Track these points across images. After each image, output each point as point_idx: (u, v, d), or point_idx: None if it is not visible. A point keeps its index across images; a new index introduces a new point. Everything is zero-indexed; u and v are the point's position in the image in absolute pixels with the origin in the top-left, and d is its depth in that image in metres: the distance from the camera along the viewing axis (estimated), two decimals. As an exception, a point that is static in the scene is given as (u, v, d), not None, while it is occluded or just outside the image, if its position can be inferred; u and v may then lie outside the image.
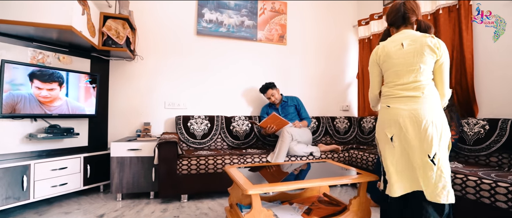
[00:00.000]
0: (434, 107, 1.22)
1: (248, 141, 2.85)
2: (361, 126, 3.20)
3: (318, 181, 1.41)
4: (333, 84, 3.48)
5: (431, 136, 1.17)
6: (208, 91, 2.92)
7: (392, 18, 1.35)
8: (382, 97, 1.37)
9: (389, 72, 1.31)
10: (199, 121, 2.73)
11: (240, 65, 3.05)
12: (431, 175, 1.16)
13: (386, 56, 1.30)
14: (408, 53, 1.25)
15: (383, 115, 1.31)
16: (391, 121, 1.26)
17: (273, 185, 1.25)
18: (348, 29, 3.56)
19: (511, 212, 1.29)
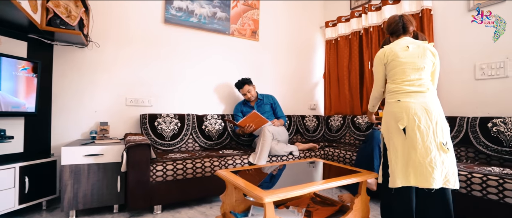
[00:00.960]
0: (438, 102, 1.38)
1: (221, 141, 2.66)
2: (329, 124, 3.30)
3: (332, 182, 1.34)
4: (302, 83, 3.52)
5: (442, 126, 1.32)
6: (177, 87, 2.63)
7: (393, 28, 1.51)
8: (389, 93, 1.44)
9: (396, 70, 1.42)
10: (167, 120, 2.43)
11: (212, 60, 2.83)
12: (447, 161, 1.28)
13: (394, 55, 1.42)
14: (414, 55, 1.41)
15: (394, 108, 1.38)
16: (403, 113, 1.33)
17: (288, 189, 1.13)
18: (316, 29, 3.64)
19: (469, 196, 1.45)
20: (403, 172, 1.31)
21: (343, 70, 3.27)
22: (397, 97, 1.39)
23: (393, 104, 1.40)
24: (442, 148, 1.28)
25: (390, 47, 1.46)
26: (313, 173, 1.67)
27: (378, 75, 1.51)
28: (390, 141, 1.39)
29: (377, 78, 1.53)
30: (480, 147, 1.96)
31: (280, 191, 1.11)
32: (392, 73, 1.44)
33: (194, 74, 2.72)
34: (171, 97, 2.60)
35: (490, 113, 2.06)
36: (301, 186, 1.18)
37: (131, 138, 1.88)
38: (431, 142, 1.28)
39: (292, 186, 1.19)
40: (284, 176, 1.58)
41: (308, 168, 1.76)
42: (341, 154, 2.47)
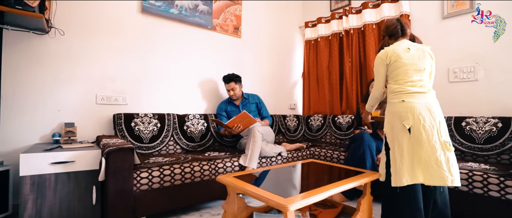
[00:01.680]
0: (438, 103, 1.44)
1: (204, 142, 2.48)
2: (309, 124, 3.33)
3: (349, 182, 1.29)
4: (282, 82, 3.49)
5: (444, 126, 1.38)
6: (155, 84, 2.38)
7: (392, 30, 1.55)
8: (392, 93, 1.48)
9: (398, 71, 1.46)
10: (146, 120, 2.18)
11: (193, 56, 2.63)
12: (452, 159, 1.32)
13: (397, 56, 1.46)
14: (415, 56, 1.45)
15: (399, 108, 1.41)
16: (408, 113, 1.37)
17: (310, 194, 1.06)
18: (295, 29, 3.65)
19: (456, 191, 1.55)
20: (409, 170, 1.34)
21: (323, 70, 3.32)
22: (401, 98, 1.42)
23: (397, 105, 1.43)
24: (446, 147, 1.33)
25: (392, 49, 1.49)
26: (320, 174, 1.62)
27: (380, 75, 1.53)
28: (394, 140, 1.41)
29: (378, 78, 1.55)
30: (456, 145, 2.12)
31: (301, 197, 1.02)
32: (395, 74, 1.47)
33: (174, 69, 2.49)
34: (148, 95, 2.34)
35: (462, 113, 2.24)
36: (321, 190, 1.12)
37: (109, 141, 1.63)
38: (436, 140, 1.33)
39: (312, 190, 1.11)
40: (293, 180, 1.50)
41: (309, 169, 1.70)
42: (328, 153, 2.48)
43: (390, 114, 1.46)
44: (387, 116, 1.48)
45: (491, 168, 1.71)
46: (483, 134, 2.01)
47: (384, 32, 1.61)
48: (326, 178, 1.52)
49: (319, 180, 1.49)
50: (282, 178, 1.49)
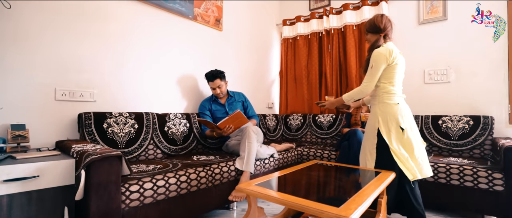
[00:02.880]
0: None
1: (187, 145, 2.21)
2: (288, 124, 3.28)
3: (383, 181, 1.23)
4: (261, 80, 3.37)
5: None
6: (129, 77, 2.02)
7: (389, 30, 1.58)
8: (387, 94, 1.54)
9: (395, 73, 1.52)
10: (121, 120, 1.82)
11: (173, 46, 2.32)
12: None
13: (397, 59, 1.51)
14: (403, 61, 1.58)
15: (395, 110, 1.51)
16: (403, 117, 1.50)
17: (360, 199, 0.95)
18: (272, 26, 3.56)
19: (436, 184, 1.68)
20: (417, 166, 1.45)
21: (301, 69, 3.30)
22: (396, 100, 1.53)
23: (393, 106, 1.52)
24: (423, 143, 1.56)
25: (393, 49, 1.51)
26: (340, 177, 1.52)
27: (377, 72, 1.51)
28: (392, 140, 1.48)
29: (374, 75, 1.52)
30: (434, 141, 2.29)
31: (354, 204, 0.91)
32: (391, 75, 1.52)
33: (151, 61, 2.15)
34: (121, 90, 1.97)
35: (436, 112, 2.44)
36: (365, 194, 1.02)
37: (85, 148, 1.28)
38: (420, 139, 1.54)
39: (356, 195, 1.01)
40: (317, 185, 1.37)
41: (323, 172, 1.61)
42: (317, 153, 2.45)
43: (386, 114, 1.52)
44: (382, 116, 1.52)
45: (468, 161, 1.87)
46: (458, 131, 2.20)
47: (379, 29, 1.57)
48: (352, 180, 1.45)
49: (347, 183, 1.41)
50: (303, 183, 1.37)
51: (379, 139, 1.52)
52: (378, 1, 2.73)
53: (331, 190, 1.24)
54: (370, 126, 1.60)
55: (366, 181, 1.23)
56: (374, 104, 1.60)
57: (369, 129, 1.60)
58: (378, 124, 1.52)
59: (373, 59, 1.52)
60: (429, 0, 2.50)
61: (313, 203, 0.93)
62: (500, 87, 2.18)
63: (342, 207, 0.90)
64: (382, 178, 1.29)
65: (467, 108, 2.29)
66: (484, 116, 2.13)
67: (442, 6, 2.43)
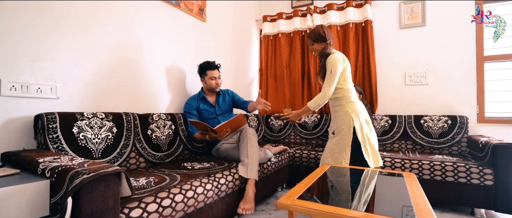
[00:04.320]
0: None
1: (173, 151, 1.89)
2: (269, 124, 3.15)
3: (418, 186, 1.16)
4: (242, 78, 3.16)
5: None
6: (101, 69, 1.62)
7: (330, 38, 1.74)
8: (351, 93, 1.70)
9: (348, 74, 1.72)
10: (96, 123, 1.43)
11: (154, 34, 1.96)
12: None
13: (347, 61, 1.72)
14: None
15: (359, 107, 1.69)
16: (363, 111, 1.71)
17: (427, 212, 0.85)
18: (252, 22, 3.38)
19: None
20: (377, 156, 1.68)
21: (283, 68, 3.20)
22: (356, 98, 1.72)
23: (356, 104, 1.70)
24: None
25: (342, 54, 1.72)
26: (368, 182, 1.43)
27: (336, 76, 1.66)
28: (364, 133, 1.64)
29: (334, 79, 1.65)
30: (417, 140, 2.41)
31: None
32: (346, 76, 1.71)
33: (128, 50, 1.77)
34: (92, 85, 1.56)
35: (416, 112, 2.58)
36: (424, 204, 0.93)
37: (67, 163, 0.92)
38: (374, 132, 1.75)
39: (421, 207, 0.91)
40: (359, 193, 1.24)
41: (346, 176, 1.49)
42: (311, 155, 2.36)
43: (354, 111, 1.66)
44: (353, 113, 1.65)
45: (456, 159, 1.99)
46: (438, 129, 2.35)
47: (324, 38, 1.72)
48: (384, 184, 1.36)
49: (383, 188, 1.31)
50: (342, 192, 1.23)
51: (354, 136, 1.64)
52: (362, 3, 2.78)
53: (376, 198, 1.12)
54: (343, 124, 1.68)
55: (401, 185, 1.16)
56: (342, 105, 1.71)
57: (342, 127, 1.68)
58: (352, 121, 1.64)
59: (331, 64, 1.65)
60: (409, 5, 2.63)
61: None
62: (471, 89, 2.40)
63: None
64: (411, 181, 1.24)
65: (443, 108, 2.47)
66: (460, 116, 2.32)
67: (421, 13, 2.58)
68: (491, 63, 2.41)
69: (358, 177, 1.42)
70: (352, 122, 1.64)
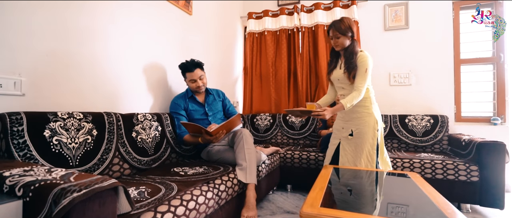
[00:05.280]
0: None
1: (160, 155, 1.70)
2: (255, 124, 3.04)
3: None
4: (227, 77, 3.02)
5: None
6: (79, 61, 1.38)
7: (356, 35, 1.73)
8: (371, 94, 1.68)
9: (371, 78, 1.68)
10: (72, 124, 1.21)
11: (137, 26, 1.75)
12: None
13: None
14: None
15: (378, 112, 1.69)
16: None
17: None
18: (237, 19, 3.25)
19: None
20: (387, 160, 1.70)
21: (269, 67, 3.12)
22: (376, 102, 1.71)
23: (377, 109, 1.69)
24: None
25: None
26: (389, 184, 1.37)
27: (370, 75, 1.62)
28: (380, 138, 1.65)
29: (368, 78, 1.61)
30: (403, 138, 2.47)
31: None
32: (370, 79, 1.66)
33: (106, 41, 1.55)
34: (66, 79, 1.32)
35: (400, 111, 2.65)
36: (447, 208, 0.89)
37: (44, 176, 0.73)
38: None
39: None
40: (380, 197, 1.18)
41: (355, 177, 1.43)
42: (303, 155, 2.30)
43: (378, 114, 1.67)
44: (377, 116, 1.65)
45: (443, 157, 2.07)
46: (421, 128, 2.44)
47: (353, 32, 1.64)
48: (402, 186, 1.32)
49: (401, 191, 1.27)
50: (362, 196, 1.16)
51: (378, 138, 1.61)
52: (349, 4, 2.80)
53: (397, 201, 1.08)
54: (366, 126, 1.62)
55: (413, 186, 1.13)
56: (366, 106, 1.66)
57: (365, 130, 1.63)
58: (377, 124, 1.62)
59: (366, 63, 1.58)
60: (393, 8, 2.70)
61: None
62: (449, 90, 2.53)
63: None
64: (421, 182, 1.22)
65: (425, 108, 2.57)
66: (441, 115, 2.43)
67: (405, 16, 2.66)
68: (467, 66, 2.56)
69: (369, 179, 1.38)
70: (377, 124, 1.62)
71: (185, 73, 1.88)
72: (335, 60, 1.76)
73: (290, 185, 2.42)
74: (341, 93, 1.77)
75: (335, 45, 1.68)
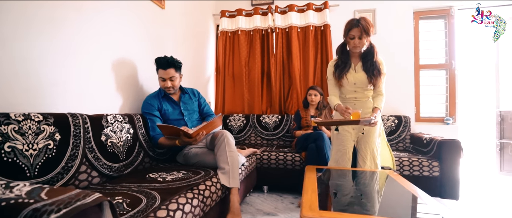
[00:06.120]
0: None
1: (132, 159, 1.55)
2: (228, 125, 2.98)
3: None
4: (199, 76, 2.90)
5: None
6: (34, 56, 1.18)
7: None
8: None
9: None
10: (29, 128, 1.03)
11: (102, 18, 1.57)
12: None
13: None
14: None
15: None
16: None
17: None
18: (209, 16, 3.14)
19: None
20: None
21: (241, 66, 3.08)
22: None
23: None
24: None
25: None
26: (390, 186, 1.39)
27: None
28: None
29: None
30: (371, 138, 2.62)
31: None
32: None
33: (69, 29, 1.35)
34: (19, 74, 1.12)
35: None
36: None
37: (22, 196, 0.59)
38: None
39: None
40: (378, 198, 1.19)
41: (345, 177, 1.45)
42: (280, 156, 2.29)
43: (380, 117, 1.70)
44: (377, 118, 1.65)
45: (409, 154, 2.24)
46: (387, 128, 2.61)
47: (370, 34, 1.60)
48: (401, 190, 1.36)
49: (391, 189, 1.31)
50: (363, 198, 1.17)
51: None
52: (322, 8, 2.88)
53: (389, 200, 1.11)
54: (381, 125, 1.71)
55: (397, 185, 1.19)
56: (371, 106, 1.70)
57: (382, 128, 1.71)
58: (381, 124, 1.70)
59: (384, 66, 1.62)
60: (362, 14, 2.85)
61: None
62: (411, 93, 2.75)
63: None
64: (402, 180, 1.29)
65: (390, 109, 2.76)
66: (404, 116, 2.63)
67: (372, 22, 2.82)
68: (425, 71, 2.81)
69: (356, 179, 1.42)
70: (381, 125, 1.70)
71: (158, 69, 1.74)
72: (345, 62, 1.62)
73: (267, 186, 2.40)
74: (351, 96, 1.68)
75: (357, 46, 1.54)
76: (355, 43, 1.53)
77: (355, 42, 1.53)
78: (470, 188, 2.45)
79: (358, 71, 1.62)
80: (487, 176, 2.89)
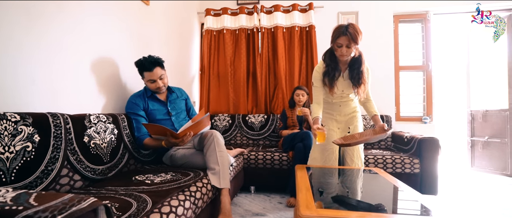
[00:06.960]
0: None
1: (116, 162, 1.48)
2: (213, 125, 2.94)
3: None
4: (184, 75, 2.83)
5: None
6: (10, 50, 1.09)
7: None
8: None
9: None
10: (5, 128, 0.94)
11: (85, 15, 1.48)
12: None
13: None
14: None
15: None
16: None
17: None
18: (193, 14, 3.08)
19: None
20: None
21: (227, 66, 3.05)
22: None
23: None
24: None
25: None
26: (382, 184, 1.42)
27: None
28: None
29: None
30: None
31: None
32: None
33: (48, 24, 1.26)
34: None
35: (351, 112, 2.88)
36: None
37: (6, 202, 0.54)
38: None
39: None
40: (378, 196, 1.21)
41: (341, 175, 1.47)
42: (267, 156, 2.29)
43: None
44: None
45: (391, 152, 2.33)
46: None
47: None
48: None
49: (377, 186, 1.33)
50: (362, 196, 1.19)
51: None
52: (307, 9, 2.92)
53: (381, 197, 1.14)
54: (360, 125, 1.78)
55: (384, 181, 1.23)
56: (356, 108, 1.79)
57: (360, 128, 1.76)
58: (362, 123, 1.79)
59: (369, 74, 1.66)
60: (346, 16, 2.93)
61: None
62: (391, 93, 2.86)
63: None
64: (388, 176, 1.33)
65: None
66: (386, 115, 2.73)
67: (355, 24, 2.91)
68: (404, 72, 2.94)
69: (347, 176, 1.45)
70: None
71: (142, 72, 1.67)
72: (334, 69, 1.58)
73: (254, 187, 2.39)
74: (337, 101, 1.71)
75: (344, 55, 1.49)
76: (342, 52, 1.48)
77: (342, 50, 1.47)
78: (446, 183, 2.59)
79: (346, 79, 1.63)
80: (459, 172, 3.07)
